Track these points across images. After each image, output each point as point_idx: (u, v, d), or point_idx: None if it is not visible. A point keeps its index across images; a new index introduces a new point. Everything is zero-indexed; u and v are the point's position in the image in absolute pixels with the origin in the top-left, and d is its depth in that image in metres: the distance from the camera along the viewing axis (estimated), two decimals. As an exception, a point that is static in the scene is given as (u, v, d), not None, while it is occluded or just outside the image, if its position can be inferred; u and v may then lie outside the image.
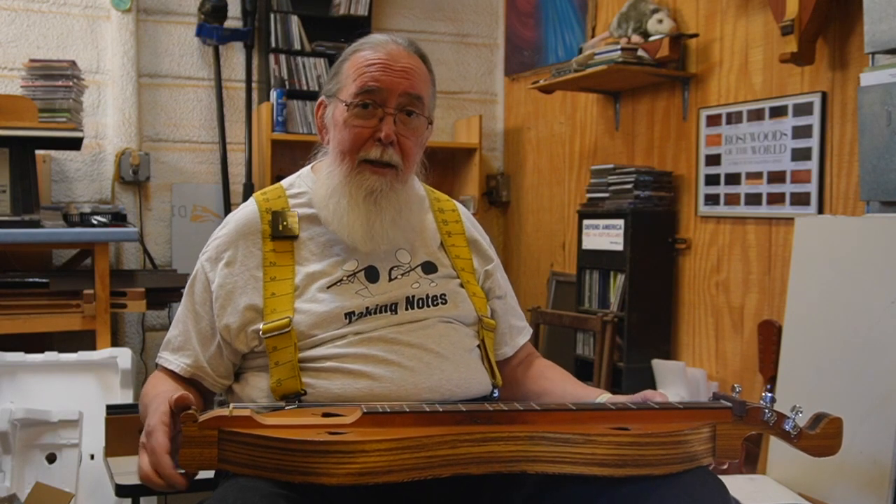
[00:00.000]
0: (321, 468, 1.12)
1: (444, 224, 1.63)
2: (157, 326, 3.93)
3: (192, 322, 1.50)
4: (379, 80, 1.45)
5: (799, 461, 2.44)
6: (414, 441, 1.15)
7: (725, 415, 1.29)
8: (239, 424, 1.16)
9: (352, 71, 1.48)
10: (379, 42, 1.49)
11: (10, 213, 2.98)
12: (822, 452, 1.33)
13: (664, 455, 1.21)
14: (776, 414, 1.32)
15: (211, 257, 1.51)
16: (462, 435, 1.17)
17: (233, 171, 4.12)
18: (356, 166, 1.46)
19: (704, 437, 1.26)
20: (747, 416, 1.30)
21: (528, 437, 1.18)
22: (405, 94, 1.46)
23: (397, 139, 1.46)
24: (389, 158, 1.46)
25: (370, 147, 1.46)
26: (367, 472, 1.13)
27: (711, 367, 3.16)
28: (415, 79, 1.48)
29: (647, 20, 3.31)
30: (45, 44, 3.81)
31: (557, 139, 4.16)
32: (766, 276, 2.95)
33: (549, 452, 1.18)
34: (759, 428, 1.31)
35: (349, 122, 1.46)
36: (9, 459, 2.52)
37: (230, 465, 1.17)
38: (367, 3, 4.15)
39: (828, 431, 1.33)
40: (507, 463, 1.18)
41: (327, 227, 1.49)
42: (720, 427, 1.27)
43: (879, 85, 2.35)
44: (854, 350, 2.33)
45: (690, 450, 1.23)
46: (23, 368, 2.74)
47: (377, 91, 1.45)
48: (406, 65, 1.47)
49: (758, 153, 2.98)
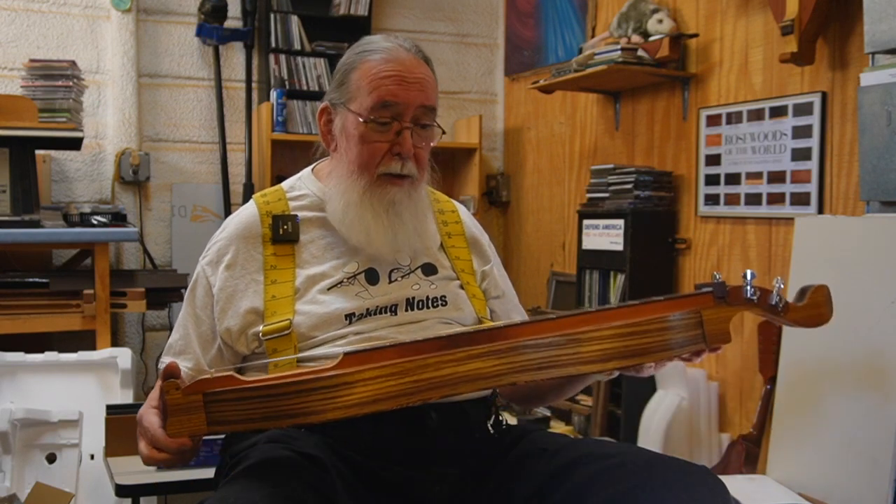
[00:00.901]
0: (308, 407, 1.12)
1: (445, 225, 1.63)
2: (157, 326, 3.93)
3: (192, 326, 1.50)
4: (396, 94, 1.44)
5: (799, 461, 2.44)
6: (397, 367, 1.14)
7: (707, 300, 1.28)
8: (221, 384, 1.16)
9: (364, 83, 1.46)
10: (387, 49, 1.48)
11: (10, 213, 2.98)
12: (812, 322, 1.32)
13: (650, 343, 1.21)
14: (759, 290, 1.30)
15: (211, 261, 1.51)
16: (445, 357, 1.17)
17: (233, 171, 4.12)
18: (375, 180, 1.47)
19: (690, 323, 1.25)
20: (730, 297, 1.29)
21: (510, 349, 1.18)
22: (421, 107, 1.46)
23: (413, 151, 1.47)
24: (409, 171, 1.47)
25: (389, 161, 1.46)
26: (353, 405, 1.13)
27: (711, 367, 3.16)
28: (428, 90, 1.48)
29: (647, 20, 3.31)
30: (45, 44, 3.81)
31: (557, 139, 4.16)
32: (766, 276, 2.95)
33: (534, 360, 1.18)
34: (744, 307, 1.30)
35: (367, 136, 1.46)
36: (9, 459, 2.52)
37: (220, 425, 1.16)
38: (367, 3, 4.15)
39: (816, 300, 1.32)
40: (494, 378, 1.18)
41: (349, 241, 1.48)
42: (705, 312, 1.27)
43: (879, 85, 2.35)
44: (854, 350, 2.33)
45: (677, 336, 1.23)
46: (23, 368, 2.74)
47: (394, 106, 1.45)
48: (420, 76, 1.47)
49: (758, 153, 2.98)
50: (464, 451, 1.40)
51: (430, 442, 1.37)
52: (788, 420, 2.52)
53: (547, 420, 3.67)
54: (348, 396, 1.12)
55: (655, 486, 1.19)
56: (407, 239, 1.49)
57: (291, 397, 1.12)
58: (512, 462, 1.39)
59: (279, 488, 1.15)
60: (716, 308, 1.28)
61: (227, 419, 1.15)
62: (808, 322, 1.32)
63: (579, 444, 1.38)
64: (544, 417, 3.68)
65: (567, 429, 3.58)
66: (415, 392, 1.14)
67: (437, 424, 1.38)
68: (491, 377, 1.18)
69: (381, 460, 1.36)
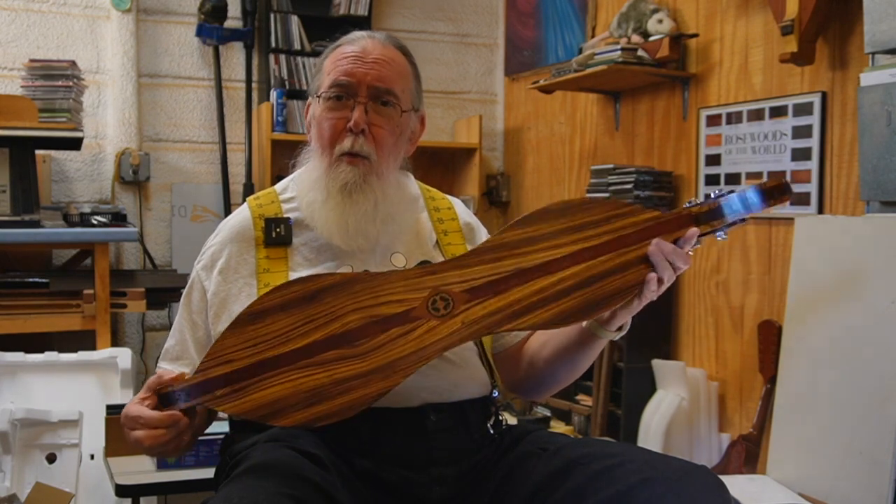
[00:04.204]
0: None
1: (440, 223, 1.62)
2: (157, 326, 3.93)
3: (189, 331, 1.50)
4: (350, 72, 1.45)
5: (799, 461, 2.45)
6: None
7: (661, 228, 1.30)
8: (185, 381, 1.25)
9: (328, 68, 1.49)
10: (355, 38, 1.50)
11: (10, 213, 2.98)
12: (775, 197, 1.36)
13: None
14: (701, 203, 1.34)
15: (206, 265, 1.51)
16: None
17: (233, 171, 4.12)
18: (334, 160, 1.46)
19: None
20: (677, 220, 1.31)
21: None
22: (375, 85, 1.45)
23: (369, 129, 1.45)
24: (360, 148, 1.44)
25: (344, 138, 1.45)
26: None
27: (711, 367, 3.16)
28: (386, 69, 1.47)
29: (647, 20, 3.31)
30: (45, 44, 3.81)
31: (557, 139, 4.16)
32: (766, 276, 2.95)
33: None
34: (690, 223, 1.32)
35: (324, 115, 1.47)
36: (9, 459, 2.52)
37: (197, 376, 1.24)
38: (367, 3, 4.15)
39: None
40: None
41: (310, 225, 1.48)
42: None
43: (879, 85, 2.35)
44: (854, 350, 2.33)
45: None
46: (23, 368, 2.74)
47: (348, 83, 1.45)
48: (378, 56, 1.47)
49: (758, 153, 2.98)
50: (463, 451, 1.40)
51: (429, 443, 1.37)
52: (788, 420, 2.52)
53: (547, 420, 3.67)
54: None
55: (655, 485, 1.19)
56: (358, 223, 1.44)
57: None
58: (512, 462, 1.39)
59: (282, 488, 1.15)
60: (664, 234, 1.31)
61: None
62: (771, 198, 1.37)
63: (579, 444, 1.38)
64: (544, 417, 3.68)
65: (567, 429, 3.58)
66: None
67: (437, 426, 1.37)
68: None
69: (381, 462, 1.35)
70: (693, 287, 3.28)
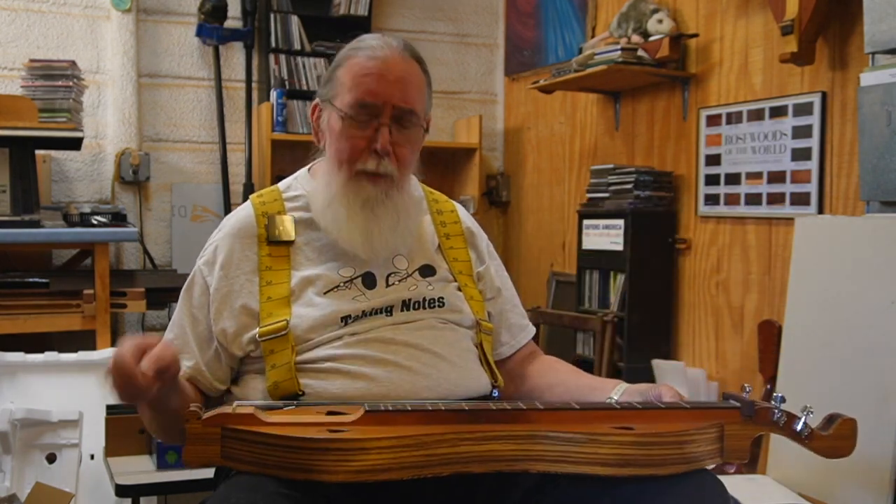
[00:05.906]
0: (322, 465, 1.12)
1: (443, 226, 1.62)
2: (157, 326, 3.93)
3: (189, 326, 1.49)
4: (376, 92, 1.44)
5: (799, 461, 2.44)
6: (414, 439, 1.14)
7: (733, 415, 1.26)
8: (242, 422, 1.16)
9: (347, 78, 1.47)
10: (374, 47, 1.48)
11: (10, 213, 2.97)
12: (834, 454, 1.30)
13: (668, 455, 1.19)
14: (786, 414, 1.29)
15: (208, 261, 1.51)
16: (463, 433, 1.16)
17: (233, 171, 4.12)
18: (353, 176, 1.46)
19: (711, 437, 1.24)
20: (756, 417, 1.27)
21: (529, 436, 1.17)
22: (399, 106, 1.45)
23: (392, 149, 1.45)
24: (385, 169, 1.45)
25: (366, 158, 1.45)
26: (366, 470, 1.13)
27: (711, 367, 3.16)
28: (409, 88, 1.46)
29: (647, 20, 3.31)
30: (45, 44, 3.81)
31: (557, 139, 4.16)
32: (766, 276, 2.95)
33: (551, 451, 1.18)
34: (768, 428, 1.29)
35: (345, 132, 1.46)
36: (9, 459, 2.52)
37: (233, 461, 1.16)
38: (367, 3, 4.15)
39: (841, 432, 1.30)
40: (508, 462, 1.17)
41: (328, 236, 1.49)
42: (728, 427, 1.25)
43: (879, 85, 2.35)
44: (854, 350, 2.33)
45: (696, 450, 1.21)
46: (23, 368, 2.74)
47: (373, 103, 1.44)
48: (401, 73, 1.46)
49: (758, 153, 2.98)
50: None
51: None
52: (788, 420, 2.52)
53: (547, 420, 3.67)
54: (362, 461, 1.12)
55: (655, 485, 1.19)
56: (383, 238, 1.46)
57: (309, 453, 1.12)
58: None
59: (281, 488, 1.15)
60: (740, 425, 1.26)
61: (240, 458, 1.16)
62: (828, 453, 1.30)
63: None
64: (544, 417, 3.68)
65: (567, 429, 3.58)
66: (426, 466, 1.14)
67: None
68: (505, 460, 1.17)
69: None
70: (693, 287, 3.28)
